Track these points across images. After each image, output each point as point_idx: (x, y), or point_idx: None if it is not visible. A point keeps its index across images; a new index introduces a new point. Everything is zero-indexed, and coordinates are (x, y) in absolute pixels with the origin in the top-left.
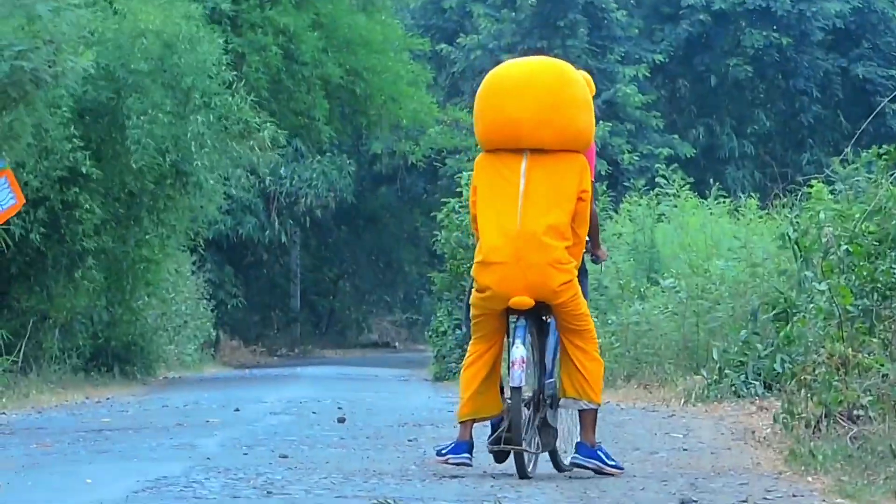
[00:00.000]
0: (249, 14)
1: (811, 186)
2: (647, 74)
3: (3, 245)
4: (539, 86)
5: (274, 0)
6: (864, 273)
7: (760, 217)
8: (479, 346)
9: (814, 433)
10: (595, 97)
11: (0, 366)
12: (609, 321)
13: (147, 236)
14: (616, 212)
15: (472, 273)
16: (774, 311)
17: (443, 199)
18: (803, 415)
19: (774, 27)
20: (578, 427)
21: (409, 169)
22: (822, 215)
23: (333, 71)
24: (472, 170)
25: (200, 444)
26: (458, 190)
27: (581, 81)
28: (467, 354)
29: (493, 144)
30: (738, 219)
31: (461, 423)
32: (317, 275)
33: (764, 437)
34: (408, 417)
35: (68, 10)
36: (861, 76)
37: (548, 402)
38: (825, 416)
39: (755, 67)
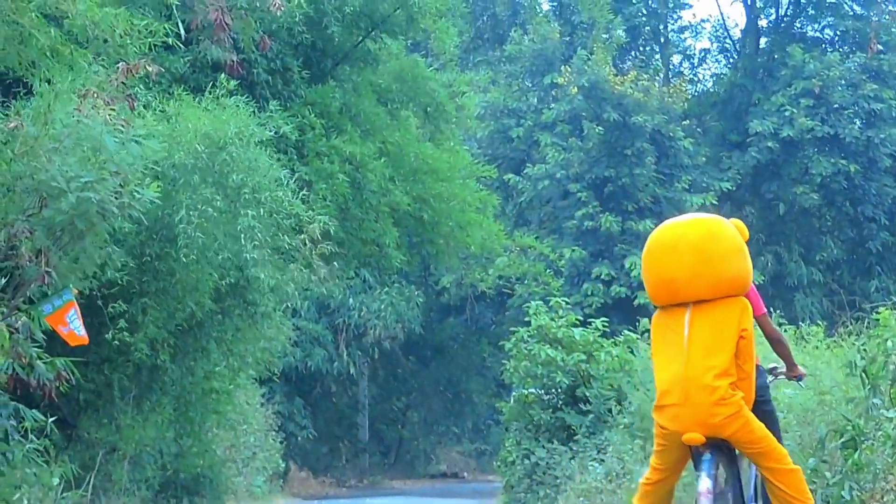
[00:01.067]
0: (315, 143)
1: (879, 314)
2: (715, 202)
3: (70, 375)
4: (687, 245)
5: (339, 130)
6: None
7: (827, 345)
8: (660, 474)
9: None
10: None
11: (70, 499)
12: None
13: (217, 368)
14: None
15: (653, 412)
16: (842, 439)
17: (511, 329)
18: None
19: (842, 154)
20: None
21: (477, 298)
22: (889, 343)
23: (401, 199)
24: (539, 298)
25: None
26: (527, 319)
27: (730, 231)
28: (652, 472)
29: (659, 301)
30: (805, 346)
31: None
32: (385, 405)
33: None
34: None
35: (135, 141)
36: None
37: None
38: None
39: (823, 195)
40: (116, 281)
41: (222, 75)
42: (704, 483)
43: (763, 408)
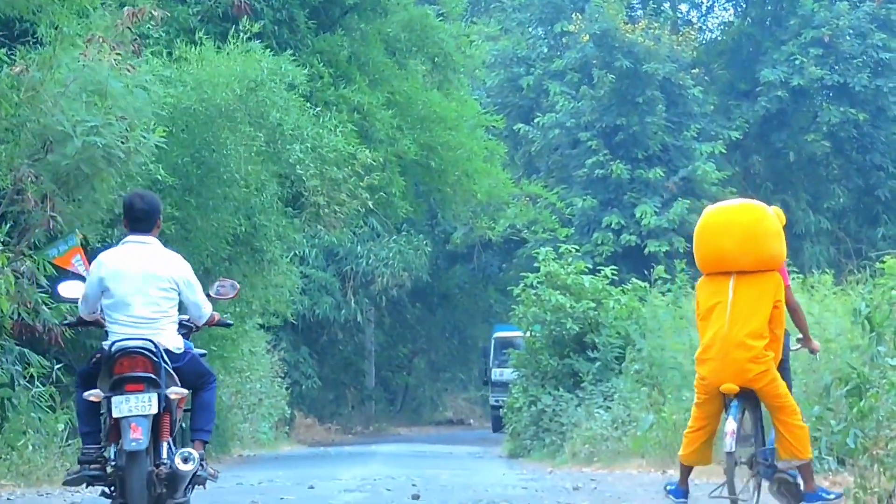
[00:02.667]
0: (323, 92)
1: (884, 262)
2: (723, 151)
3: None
4: (738, 225)
5: (348, 79)
6: None
7: (834, 293)
8: (698, 420)
9: None
10: (673, 174)
11: (75, 445)
12: (683, 398)
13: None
14: (692, 289)
15: (695, 366)
16: (847, 387)
17: (521, 273)
18: (876, 489)
19: (851, 103)
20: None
21: (484, 246)
22: (894, 291)
23: (409, 148)
24: (549, 246)
25: None
26: (536, 265)
27: (772, 216)
28: (690, 422)
29: (708, 269)
30: (812, 295)
31: (681, 465)
32: (391, 352)
33: None
34: (482, 494)
35: (141, 86)
36: None
37: (762, 464)
38: None
39: (832, 143)
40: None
41: (245, 18)
42: (731, 424)
43: (782, 366)
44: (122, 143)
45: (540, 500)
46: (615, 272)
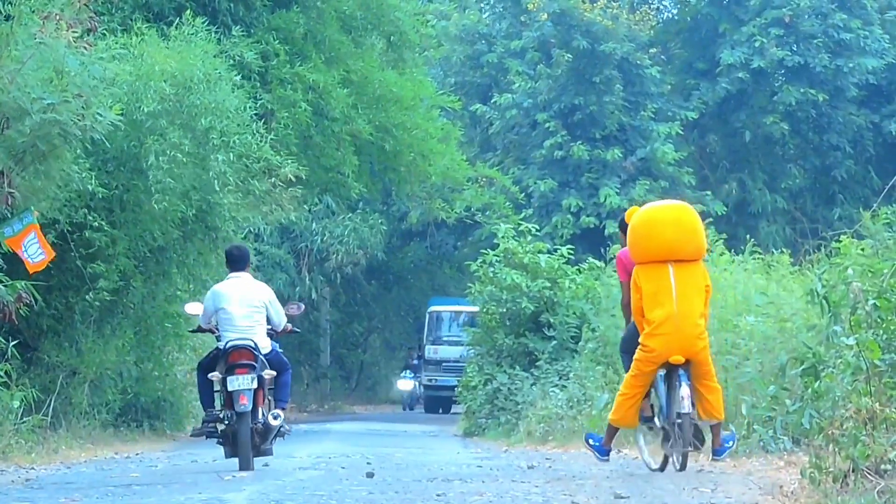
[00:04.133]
0: (278, 70)
1: (839, 242)
2: (681, 132)
3: (32, 299)
4: (687, 220)
5: (303, 57)
6: (892, 328)
7: (791, 273)
8: (636, 388)
9: (841, 488)
10: (630, 154)
11: (30, 422)
12: None
13: (179, 292)
14: None
15: (642, 340)
16: (803, 367)
17: (482, 250)
18: (831, 469)
19: (810, 83)
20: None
21: (438, 225)
22: (850, 270)
23: (363, 127)
24: (506, 224)
25: (229, 499)
26: (496, 242)
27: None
28: (626, 389)
29: (649, 258)
30: (769, 274)
31: (610, 427)
32: (346, 330)
33: (792, 492)
34: (437, 473)
35: (97, 63)
36: (893, 132)
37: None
38: (852, 471)
39: (789, 123)
40: (85, 211)
41: (188, 12)
42: (685, 390)
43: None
44: (79, 120)
45: (494, 479)
46: (571, 252)
